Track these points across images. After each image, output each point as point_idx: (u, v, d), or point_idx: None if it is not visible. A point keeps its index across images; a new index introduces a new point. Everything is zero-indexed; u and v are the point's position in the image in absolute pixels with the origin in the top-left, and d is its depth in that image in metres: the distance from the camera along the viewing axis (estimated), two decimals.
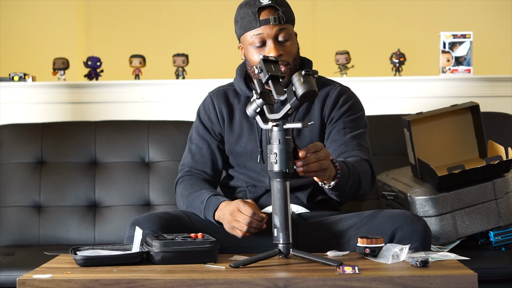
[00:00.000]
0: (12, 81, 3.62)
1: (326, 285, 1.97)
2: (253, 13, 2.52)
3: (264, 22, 2.52)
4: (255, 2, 2.53)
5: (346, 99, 2.62)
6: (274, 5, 2.52)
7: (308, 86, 2.16)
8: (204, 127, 2.69)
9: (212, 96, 2.71)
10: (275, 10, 2.53)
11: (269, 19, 2.51)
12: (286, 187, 2.20)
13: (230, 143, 2.65)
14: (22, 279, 1.99)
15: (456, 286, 1.96)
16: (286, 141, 2.18)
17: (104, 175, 3.36)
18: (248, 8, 2.54)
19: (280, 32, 2.53)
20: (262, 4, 2.52)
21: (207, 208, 2.49)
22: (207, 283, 1.98)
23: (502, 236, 2.90)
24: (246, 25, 2.54)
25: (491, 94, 3.61)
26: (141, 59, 3.74)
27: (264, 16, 2.52)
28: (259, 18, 2.52)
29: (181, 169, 2.69)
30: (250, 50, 2.56)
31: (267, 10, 2.53)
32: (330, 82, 2.68)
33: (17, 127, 3.45)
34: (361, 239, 2.22)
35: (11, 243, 3.27)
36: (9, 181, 3.35)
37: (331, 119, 2.60)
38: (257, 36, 2.53)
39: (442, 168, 2.92)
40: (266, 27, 2.52)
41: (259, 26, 2.52)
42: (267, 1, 2.52)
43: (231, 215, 2.39)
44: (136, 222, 2.40)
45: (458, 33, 3.61)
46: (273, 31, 2.52)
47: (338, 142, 2.55)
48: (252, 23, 2.53)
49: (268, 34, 2.52)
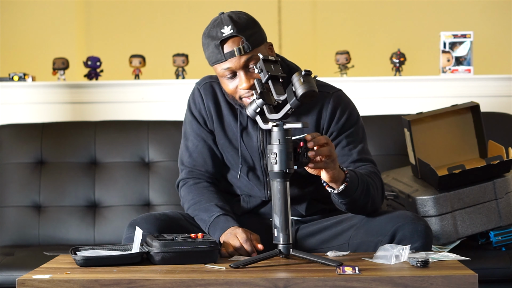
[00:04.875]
0: (12, 81, 3.62)
1: (326, 286, 1.97)
2: (216, 46, 2.35)
3: (229, 55, 2.35)
4: (217, 34, 2.35)
5: (343, 110, 2.49)
6: (236, 34, 2.34)
7: (308, 86, 2.15)
8: (197, 121, 2.59)
9: (200, 89, 2.59)
10: (238, 39, 2.34)
11: (233, 51, 2.34)
12: (286, 187, 2.20)
13: (221, 145, 2.58)
14: (22, 279, 1.98)
15: (456, 286, 1.96)
16: (286, 141, 2.18)
17: (104, 175, 3.36)
18: (211, 41, 2.36)
19: (249, 61, 2.35)
20: (223, 35, 2.34)
21: (213, 227, 2.42)
22: (207, 284, 1.97)
23: (503, 236, 2.90)
24: (212, 58, 2.38)
25: (491, 94, 3.60)
26: (141, 59, 3.74)
27: (228, 48, 2.34)
28: (223, 51, 2.34)
29: (181, 169, 2.61)
30: (223, 81, 2.43)
31: (230, 41, 2.34)
32: (323, 88, 2.50)
33: (17, 127, 3.45)
34: None
35: (11, 243, 3.27)
36: (9, 181, 3.35)
37: (331, 133, 2.49)
38: (225, 69, 2.37)
39: (442, 168, 2.92)
40: (232, 59, 2.35)
41: (225, 59, 2.35)
42: (228, 31, 2.34)
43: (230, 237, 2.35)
44: (134, 223, 2.39)
45: (458, 33, 3.61)
46: (240, 62, 2.35)
47: (344, 159, 2.46)
48: (217, 57, 2.36)
49: (236, 66, 2.36)
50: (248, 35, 2.36)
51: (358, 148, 2.48)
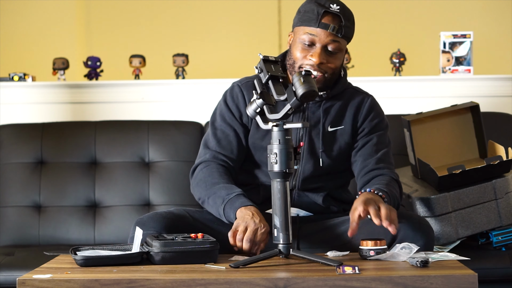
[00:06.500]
0: (12, 81, 3.62)
1: (326, 285, 1.97)
2: (317, 12, 2.45)
3: (323, 26, 2.45)
4: (325, 3, 2.46)
5: (378, 112, 2.63)
6: (340, 15, 2.46)
7: (308, 86, 2.16)
8: (232, 114, 2.59)
9: (241, 86, 2.61)
10: (339, 20, 2.46)
11: (329, 26, 2.44)
12: (286, 187, 2.20)
13: (255, 138, 2.57)
14: (22, 279, 1.99)
15: (456, 286, 1.96)
16: (286, 141, 2.18)
17: (104, 175, 3.36)
18: (315, 6, 2.46)
19: (332, 42, 2.46)
20: (330, 8, 2.45)
21: (231, 203, 2.40)
22: (207, 283, 1.97)
23: (503, 236, 2.90)
24: (305, 19, 2.47)
25: (491, 94, 3.60)
26: (141, 59, 3.74)
27: (326, 21, 2.45)
28: (320, 20, 2.45)
29: (205, 152, 2.59)
30: (297, 45, 2.50)
31: (331, 16, 2.46)
32: (362, 90, 2.66)
33: (17, 127, 3.45)
34: (364, 241, 2.22)
35: (11, 243, 3.27)
36: (9, 181, 3.35)
37: (363, 129, 2.59)
38: (310, 35, 2.47)
39: (442, 168, 2.92)
40: (322, 31, 2.45)
41: (317, 27, 2.45)
42: (336, 8, 2.46)
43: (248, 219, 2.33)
44: (141, 221, 2.39)
45: (458, 33, 3.61)
46: (327, 38, 2.46)
47: (370, 157, 2.56)
48: (311, 21, 2.46)
49: (321, 39, 2.46)
50: (347, 25, 2.48)
51: (383, 151, 2.58)
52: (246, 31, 4.51)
